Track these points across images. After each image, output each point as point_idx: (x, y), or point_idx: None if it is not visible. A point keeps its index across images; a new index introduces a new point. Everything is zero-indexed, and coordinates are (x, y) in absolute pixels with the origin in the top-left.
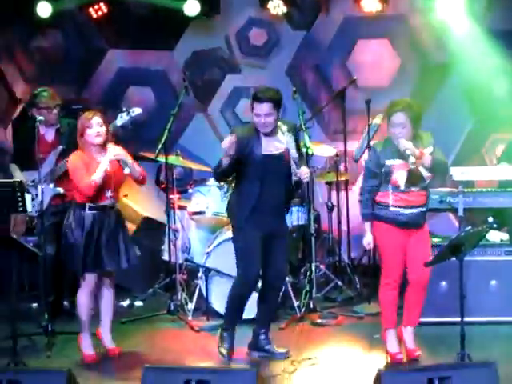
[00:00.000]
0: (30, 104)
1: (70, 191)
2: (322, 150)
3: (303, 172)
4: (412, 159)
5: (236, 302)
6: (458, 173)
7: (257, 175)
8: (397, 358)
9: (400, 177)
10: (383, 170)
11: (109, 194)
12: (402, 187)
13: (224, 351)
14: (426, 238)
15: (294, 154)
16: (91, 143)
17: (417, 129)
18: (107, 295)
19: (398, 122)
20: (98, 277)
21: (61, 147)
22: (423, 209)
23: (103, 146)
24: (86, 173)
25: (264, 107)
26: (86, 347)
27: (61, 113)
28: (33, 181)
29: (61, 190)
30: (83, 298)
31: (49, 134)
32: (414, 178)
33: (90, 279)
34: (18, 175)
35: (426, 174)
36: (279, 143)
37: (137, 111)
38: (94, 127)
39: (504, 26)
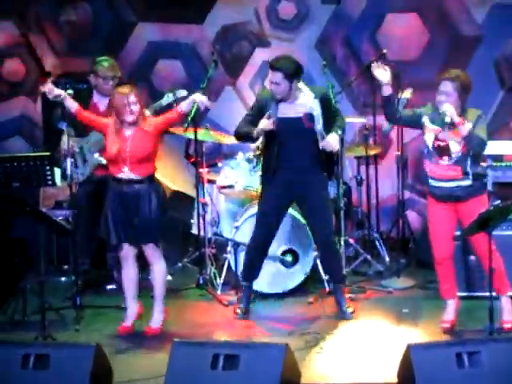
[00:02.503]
0: (90, 70)
1: None
2: (352, 119)
3: (329, 142)
4: (448, 119)
5: (246, 258)
6: None
7: (274, 138)
8: (440, 326)
9: (428, 138)
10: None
11: (125, 169)
12: (430, 147)
13: (239, 310)
14: (475, 210)
15: (317, 119)
16: (123, 120)
17: (463, 101)
18: (152, 271)
19: (443, 90)
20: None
21: None
22: (460, 183)
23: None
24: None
25: (273, 76)
26: (125, 318)
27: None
28: (80, 148)
29: (103, 160)
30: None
31: (102, 104)
32: (439, 148)
33: (120, 250)
34: (65, 140)
35: (455, 148)
36: (299, 107)
37: (182, 93)
38: (129, 106)
39: None
